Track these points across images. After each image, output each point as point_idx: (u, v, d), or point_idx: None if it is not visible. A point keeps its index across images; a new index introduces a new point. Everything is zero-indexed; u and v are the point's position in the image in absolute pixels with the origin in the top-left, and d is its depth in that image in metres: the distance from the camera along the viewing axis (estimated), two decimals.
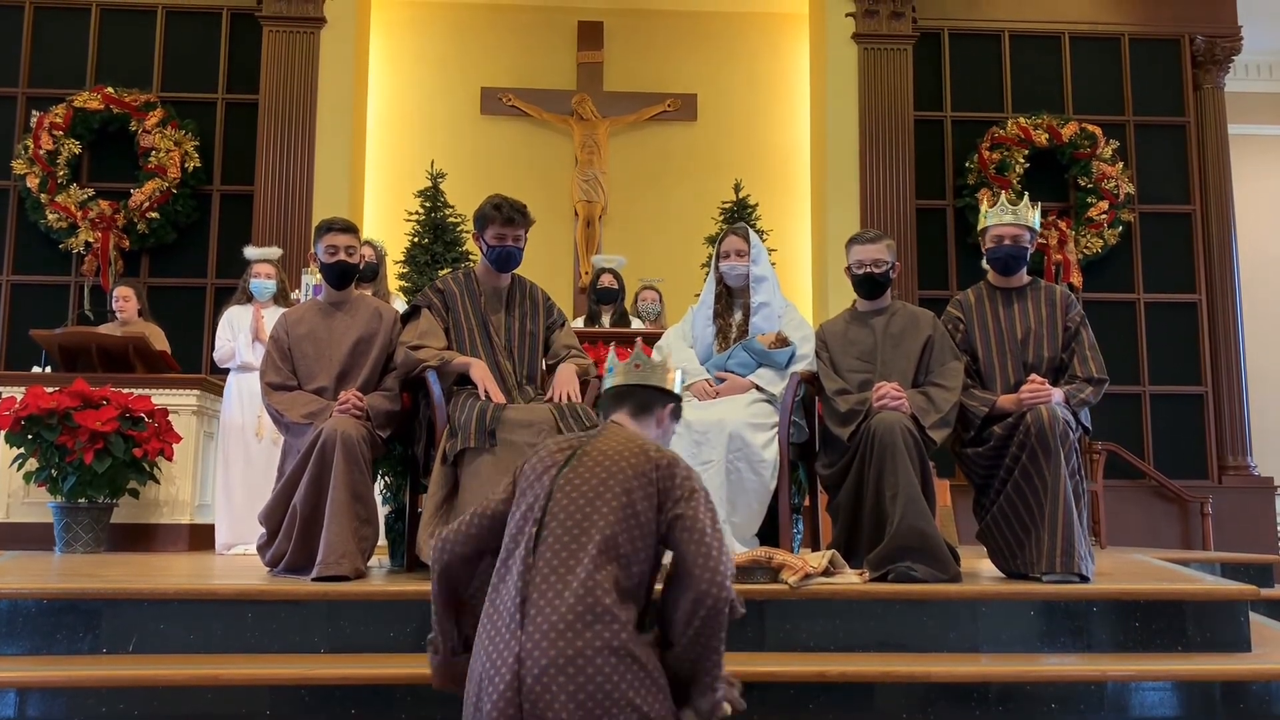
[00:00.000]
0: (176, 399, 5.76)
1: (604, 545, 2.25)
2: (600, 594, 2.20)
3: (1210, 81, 8.75)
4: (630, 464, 2.34)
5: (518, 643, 2.19)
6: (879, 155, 8.20)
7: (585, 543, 2.25)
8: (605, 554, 2.25)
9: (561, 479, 2.36)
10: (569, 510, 2.30)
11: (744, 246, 4.18)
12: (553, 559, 2.25)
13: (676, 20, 9.11)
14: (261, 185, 7.90)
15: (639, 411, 2.54)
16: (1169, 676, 3.02)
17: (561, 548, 2.26)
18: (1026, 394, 3.68)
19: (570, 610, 2.18)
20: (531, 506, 2.35)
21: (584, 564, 2.23)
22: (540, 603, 2.21)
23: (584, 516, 2.29)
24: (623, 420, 2.53)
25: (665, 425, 2.59)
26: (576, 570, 2.22)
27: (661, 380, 2.57)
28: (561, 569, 2.23)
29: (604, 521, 2.27)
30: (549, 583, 2.22)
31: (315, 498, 3.61)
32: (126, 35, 8.23)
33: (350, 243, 4.00)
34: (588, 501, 2.30)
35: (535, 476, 2.40)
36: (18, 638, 3.11)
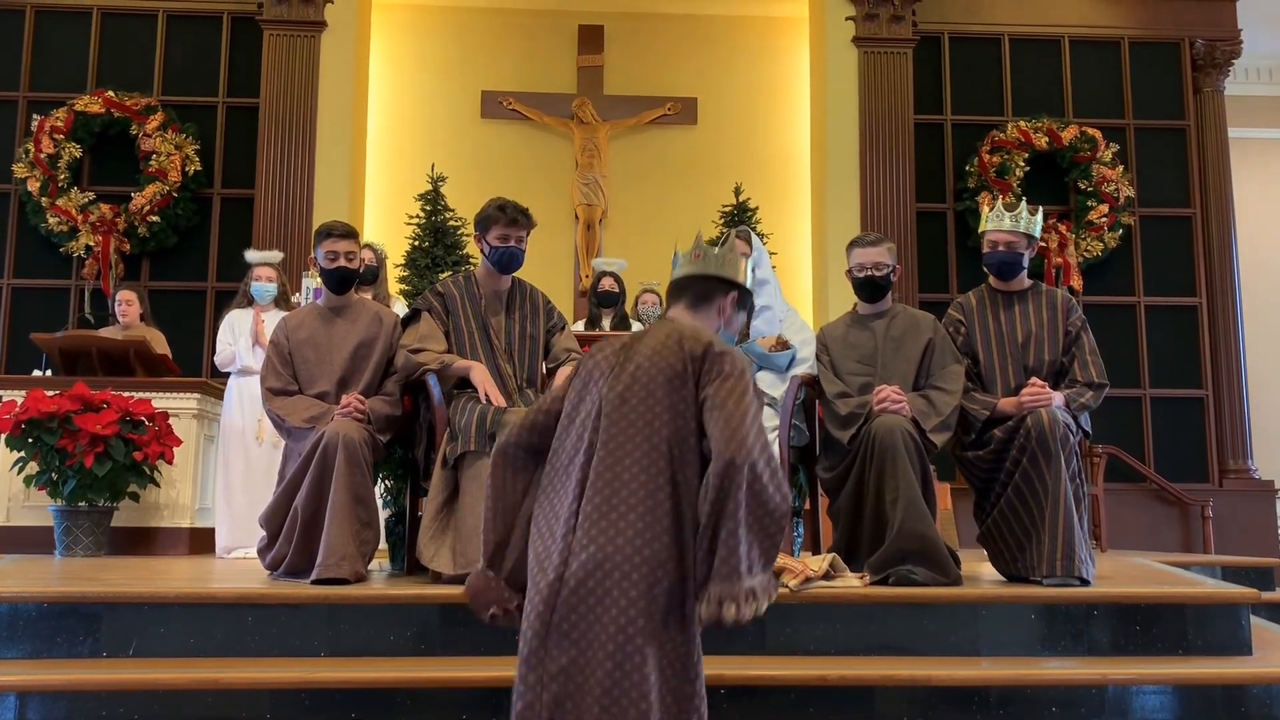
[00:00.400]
0: (177, 402, 5.76)
1: (652, 452, 2.22)
2: (651, 504, 2.18)
3: (1210, 85, 8.76)
4: (667, 362, 2.29)
5: (567, 548, 2.19)
6: (879, 159, 8.20)
7: (634, 451, 2.23)
8: (654, 461, 2.22)
9: (608, 388, 2.32)
10: (617, 420, 2.27)
11: (746, 249, 4.19)
12: (605, 471, 2.22)
13: (677, 24, 9.11)
14: (262, 189, 7.90)
15: (698, 302, 2.47)
16: (1169, 680, 3.01)
17: (613, 459, 2.23)
18: (1027, 397, 3.68)
19: (621, 519, 2.17)
20: (586, 416, 2.32)
21: (634, 473, 2.20)
22: (594, 514, 2.19)
23: (630, 424, 2.25)
24: (677, 314, 2.48)
25: (728, 314, 2.50)
26: (628, 481, 2.20)
27: (720, 268, 2.47)
28: (615, 482, 2.21)
29: (649, 428, 2.24)
30: (602, 495, 2.20)
31: (316, 501, 3.62)
32: (127, 39, 8.24)
33: (350, 248, 4.00)
34: (632, 409, 2.26)
35: (587, 385, 2.37)
36: (18, 641, 3.11)
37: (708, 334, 2.34)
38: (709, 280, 2.46)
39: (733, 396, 2.21)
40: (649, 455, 2.22)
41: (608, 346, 2.42)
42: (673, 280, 2.51)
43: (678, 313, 2.47)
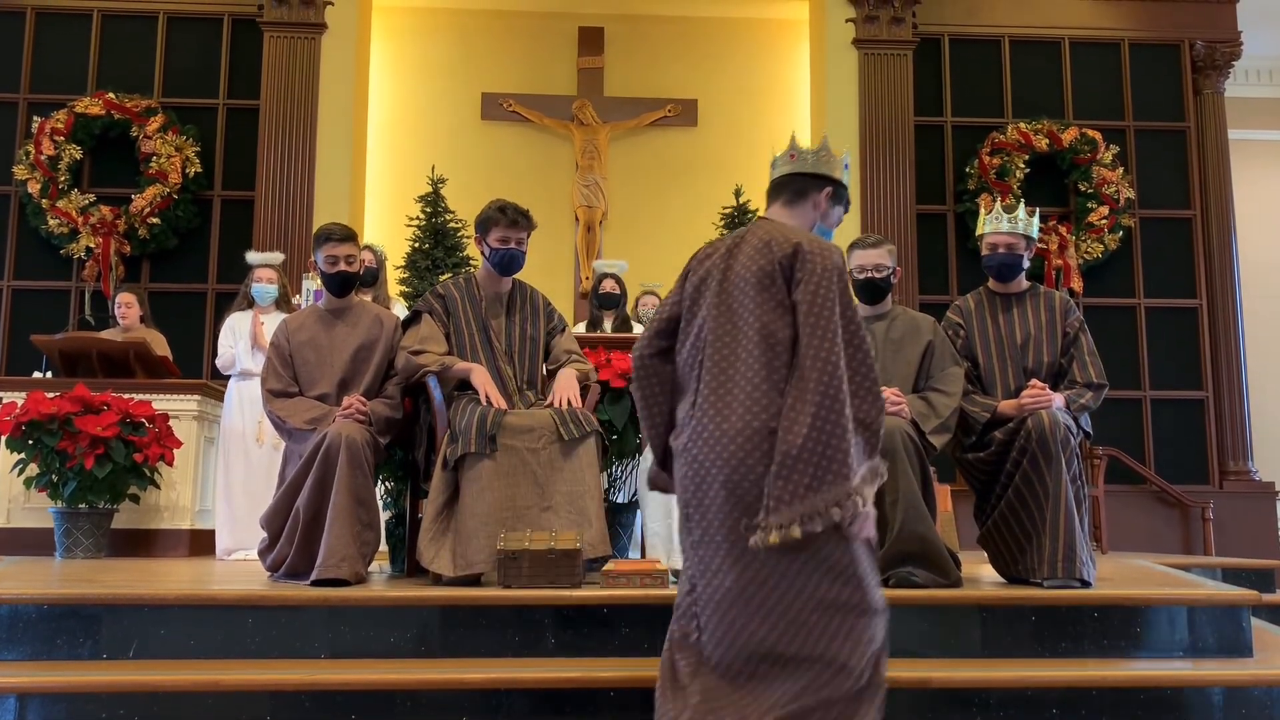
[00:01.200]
0: (177, 404, 5.76)
1: (753, 349, 2.32)
2: (751, 401, 2.28)
3: (1210, 87, 8.76)
4: (759, 265, 2.39)
5: (685, 440, 2.37)
6: (879, 160, 8.20)
7: (737, 349, 2.34)
8: (755, 358, 2.32)
9: (716, 288, 2.44)
10: (722, 321, 2.39)
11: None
12: (713, 368, 2.36)
13: (677, 26, 9.12)
14: (262, 191, 7.90)
15: (794, 199, 2.60)
16: (1170, 682, 3.01)
17: (719, 357, 2.36)
18: (1027, 399, 3.68)
19: (727, 410, 2.30)
20: (700, 317, 2.45)
21: (739, 369, 2.33)
22: (705, 408, 2.33)
23: (732, 324, 2.38)
24: (773, 213, 2.60)
25: (824, 209, 2.60)
26: (733, 375, 2.33)
27: (815, 166, 2.59)
28: (721, 376, 2.34)
29: (749, 328, 2.35)
30: (712, 390, 2.34)
31: (318, 502, 3.62)
32: (128, 41, 8.24)
33: (350, 251, 4.01)
34: (734, 310, 2.39)
35: (700, 287, 2.50)
36: (18, 643, 3.11)
37: (797, 235, 2.42)
38: (804, 178, 2.60)
39: (819, 303, 2.29)
40: (750, 353, 2.33)
41: (719, 247, 2.54)
42: (771, 181, 2.65)
43: (774, 211, 2.61)
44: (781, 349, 2.32)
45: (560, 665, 3.04)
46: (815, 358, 2.24)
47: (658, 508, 3.81)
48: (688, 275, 2.57)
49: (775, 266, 2.37)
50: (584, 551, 3.39)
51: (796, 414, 2.22)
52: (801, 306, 2.30)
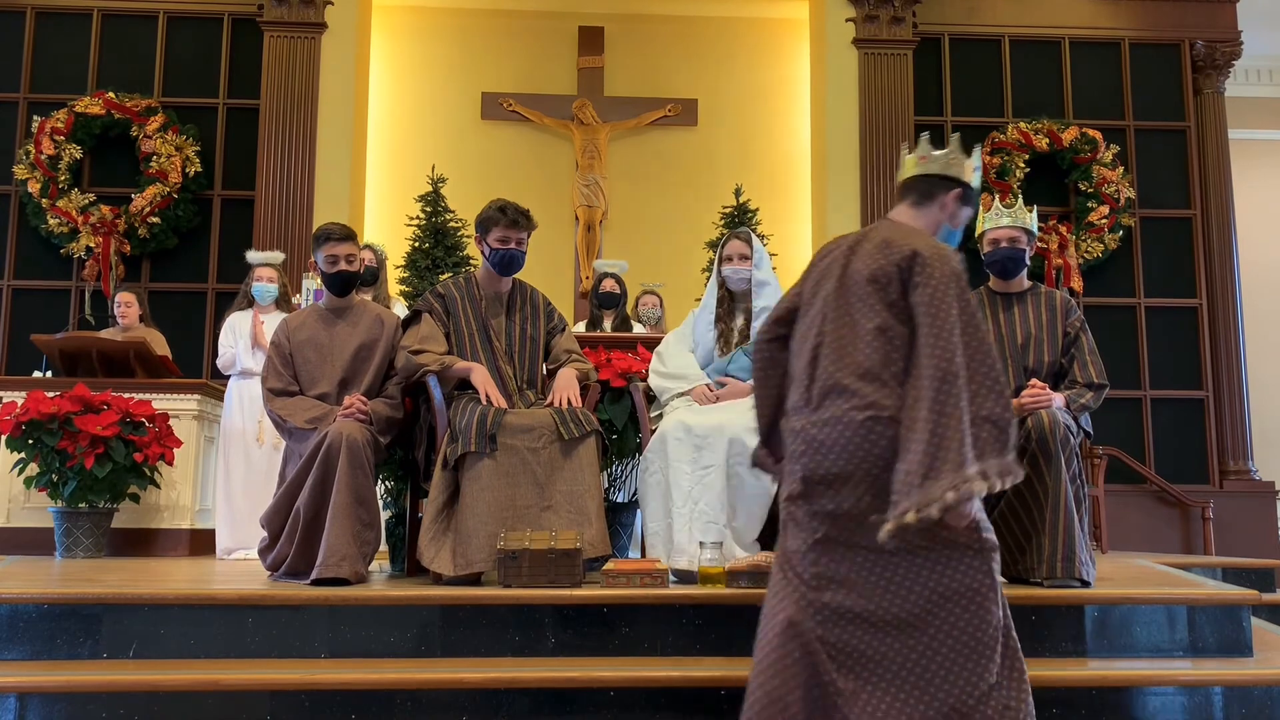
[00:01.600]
0: (177, 404, 5.76)
1: (864, 347, 2.42)
2: (860, 397, 2.38)
3: (1210, 86, 8.76)
4: (877, 265, 2.47)
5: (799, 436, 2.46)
6: (879, 160, 8.20)
7: (849, 344, 2.44)
8: (865, 355, 2.41)
9: (835, 283, 2.53)
10: (839, 315, 2.49)
11: (747, 250, 4.18)
12: (827, 363, 2.46)
13: (677, 26, 9.12)
14: (262, 190, 7.90)
15: (921, 200, 2.65)
16: (1170, 681, 3.01)
17: (832, 350, 2.46)
18: (1027, 399, 3.68)
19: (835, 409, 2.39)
20: (817, 309, 2.55)
21: (849, 366, 2.42)
22: (816, 402, 2.44)
23: (846, 320, 2.47)
24: (899, 213, 2.66)
25: (951, 210, 2.66)
26: (845, 368, 2.42)
27: (944, 168, 2.64)
28: (833, 368, 2.44)
29: (861, 326, 2.44)
30: (823, 383, 2.44)
31: (318, 501, 3.62)
32: (128, 41, 8.24)
33: (350, 250, 4.01)
34: (848, 306, 2.48)
35: (821, 279, 2.59)
36: (18, 643, 3.11)
37: (916, 239, 2.49)
38: (933, 179, 2.64)
39: (936, 303, 2.36)
40: (866, 347, 2.41)
41: (841, 244, 2.63)
42: (900, 182, 2.70)
43: (900, 212, 2.67)
44: (899, 343, 2.41)
45: (560, 665, 3.04)
46: (931, 357, 2.32)
47: (658, 507, 3.81)
48: (810, 269, 2.68)
49: (892, 269, 2.45)
50: (584, 551, 3.39)
51: (915, 414, 2.30)
52: (920, 309, 2.38)
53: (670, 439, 3.80)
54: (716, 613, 3.20)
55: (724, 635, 3.19)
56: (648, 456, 3.87)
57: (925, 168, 2.65)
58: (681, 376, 4.08)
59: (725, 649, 3.17)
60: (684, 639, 3.18)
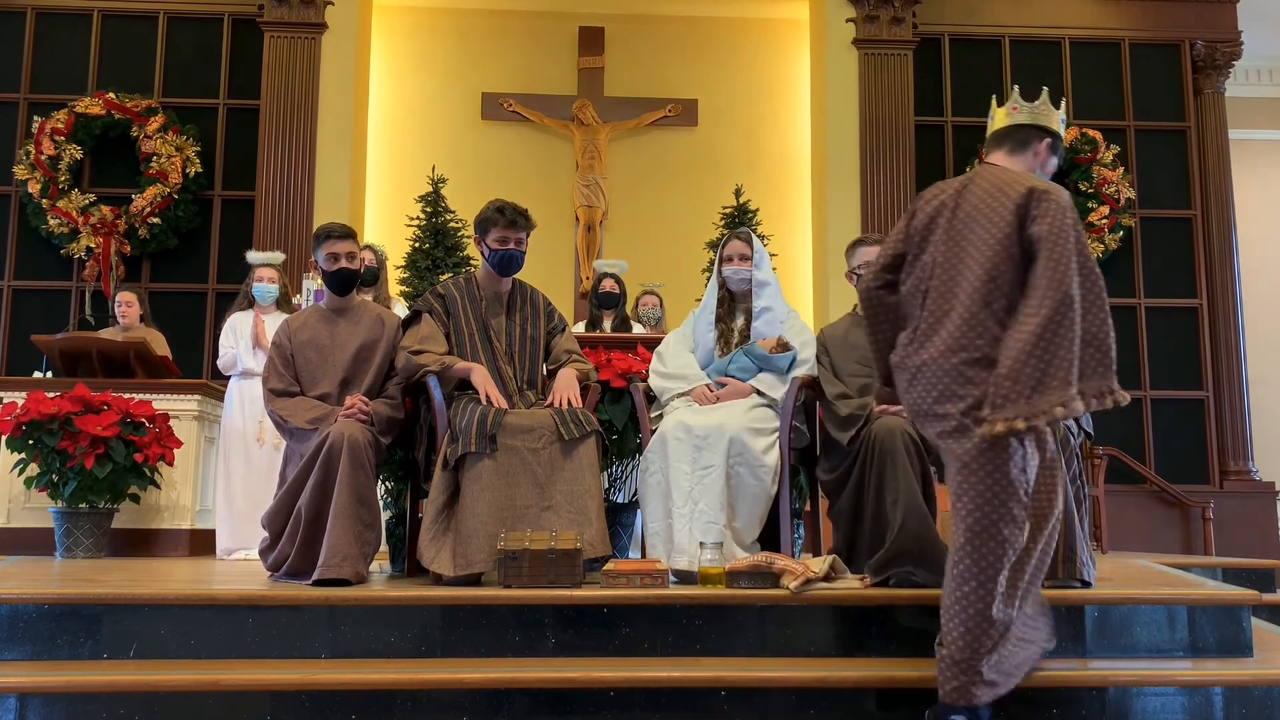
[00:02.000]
0: (177, 404, 5.76)
1: (978, 282, 2.64)
2: (972, 335, 2.62)
3: (1211, 86, 8.76)
4: (994, 204, 2.69)
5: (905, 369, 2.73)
6: (879, 160, 8.20)
7: (963, 281, 2.67)
8: (980, 289, 2.64)
9: (946, 224, 2.75)
10: (952, 253, 2.71)
11: (747, 250, 4.18)
12: (939, 298, 2.70)
13: (677, 26, 9.12)
14: (263, 191, 7.90)
15: (1016, 148, 2.90)
16: (1171, 682, 3.01)
17: (945, 288, 2.70)
18: None
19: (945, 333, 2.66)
20: (930, 251, 2.77)
21: (961, 299, 2.65)
22: (927, 331, 2.70)
23: (960, 258, 2.69)
24: (998, 159, 2.88)
25: (1043, 157, 2.92)
26: (956, 302, 2.66)
27: (1035, 119, 2.90)
28: (944, 304, 2.68)
29: (976, 262, 2.66)
30: (934, 316, 2.69)
31: (320, 502, 3.62)
32: (128, 41, 8.24)
33: (350, 249, 4.01)
34: (965, 244, 2.70)
35: (930, 224, 2.81)
36: (18, 643, 3.11)
37: (1026, 178, 2.73)
38: (1026, 128, 2.90)
39: (1057, 235, 2.59)
40: (973, 285, 2.65)
41: (946, 189, 2.84)
42: (992, 132, 2.95)
43: (998, 158, 2.90)
44: (1004, 284, 2.63)
45: (560, 665, 3.04)
46: (1051, 277, 2.53)
47: (658, 507, 3.81)
48: (914, 215, 2.87)
49: (1011, 206, 2.66)
50: (584, 551, 3.39)
51: (1027, 325, 2.52)
52: (1040, 240, 2.59)
53: (670, 439, 3.80)
54: (717, 613, 3.20)
55: (724, 636, 3.19)
56: (648, 457, 3.87)
57: (1016, 118, 2.89)
58: (681, 377, 4.08)
59: (725, 649, 3.17)
60: (684, 639, 3.18)
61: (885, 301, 2.92)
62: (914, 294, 2.79)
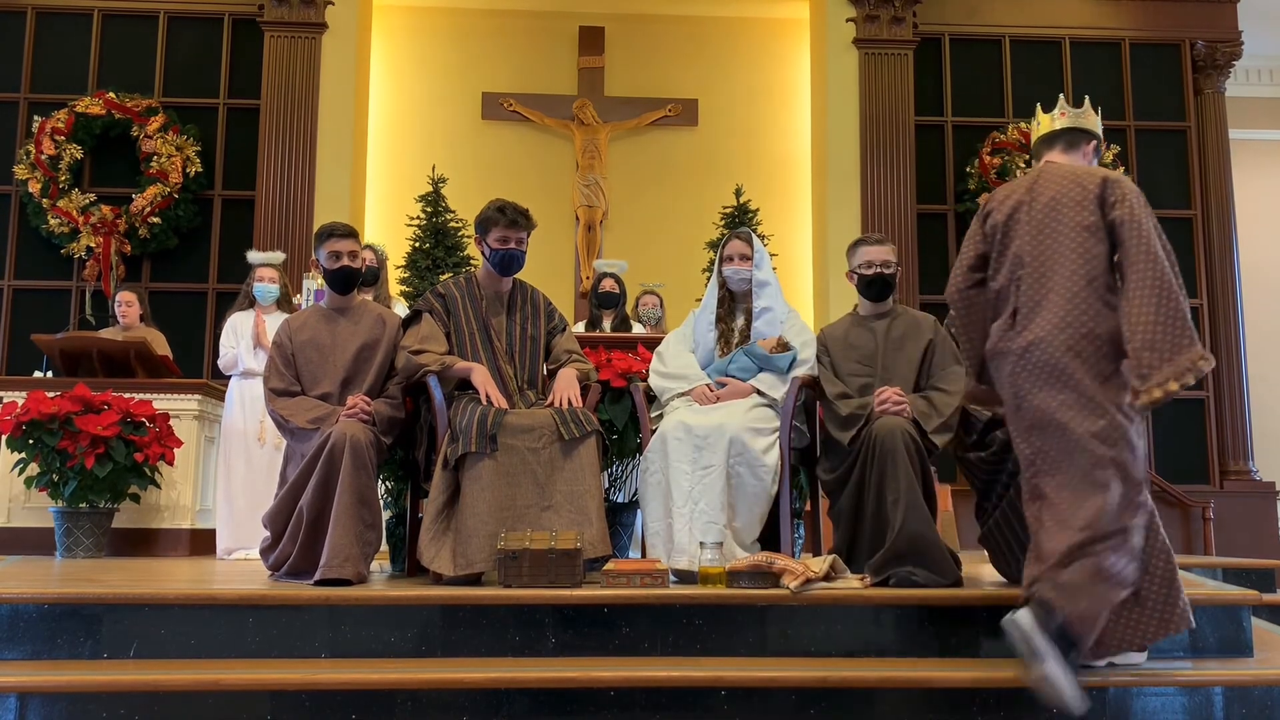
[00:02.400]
0: (178, 404, 5.76)
1: (1071, 265, 2.88)
2: (1078, 312, 2.84)
3: (1211, 86, 8.76)
4: (1074, 194, 2.96)
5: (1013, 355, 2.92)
6: (880, 160, 8.20)
7: (1056, 266, 2.90)
8: (1073, 271, 2.88)
9: (1027, 218, 3.00)
10: (1040, 243, 2.95)
11: (747, 250, 4.18)
12: (1031, 294, 2.93)
13: (678, 26, 9.12)
14: (263, 190, 7.91)
15: (1068, 149, 3.18)
16: (1170, 682, 3.01)
17: (1037, 276, 2.92)
18: None
19: (1048, 313, 2.87)
20: (1015, 255, 2.99)
21: (1057, 282, 2.89)
22: (1027, 315, 2.91)
23: (1050, 245, 2.93)
24: (1055, 157, 3.16)
25: (1089, 158, 3.19)
26: (1054, 287, 2.89)
27: (1081, 122, 3.19)
28: (1041, 289, 2.91)
29: (1066, 248, 2.90)
30: (1034, 311, 2.91)
31: (322, 502, 3.62)
32: (128, 41, 8.25)
33: (352, 248, 4.00)
34: (1048, 235, 2.94)
35: (1010, 220, 3.04)
36: (18, 642, 3.11)
37: (1096, 170, 3.02)
38: (1074, 132, 3.19)
39: (1137, 217, 2.85)
40: (1070, 267, 2.88)
41: (1017, 188, 3.09)
42: (1041, 136, 3.23)
43: (1055, 156, 3.17)
44: (1099, 263, 2.89)
45: (560, 665, 3.04)
46: (1145, 256, 2.78)
47: (658, 507, 3.81)
48: (989, 215, 3.12)
49: (1092, 194, 2.93)
50: (584, 551, 3.39)
51: (1142, 300, 2.75)
52: (1123, 219, 2.85)
53: (670, 439, 3.80)
54: (717, 613, 3.20)
55: (724, 635, 3.19)
56: (648, 456, 3.87)
57: (1064, 122, 3.19)
58: (682, 376, 4.08)
59: (725, 649, 3.17)
60: (684, 639, 3.18)
61: (976, 301, 3.12)
62: (1008, 285, 2.99)
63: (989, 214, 3.12)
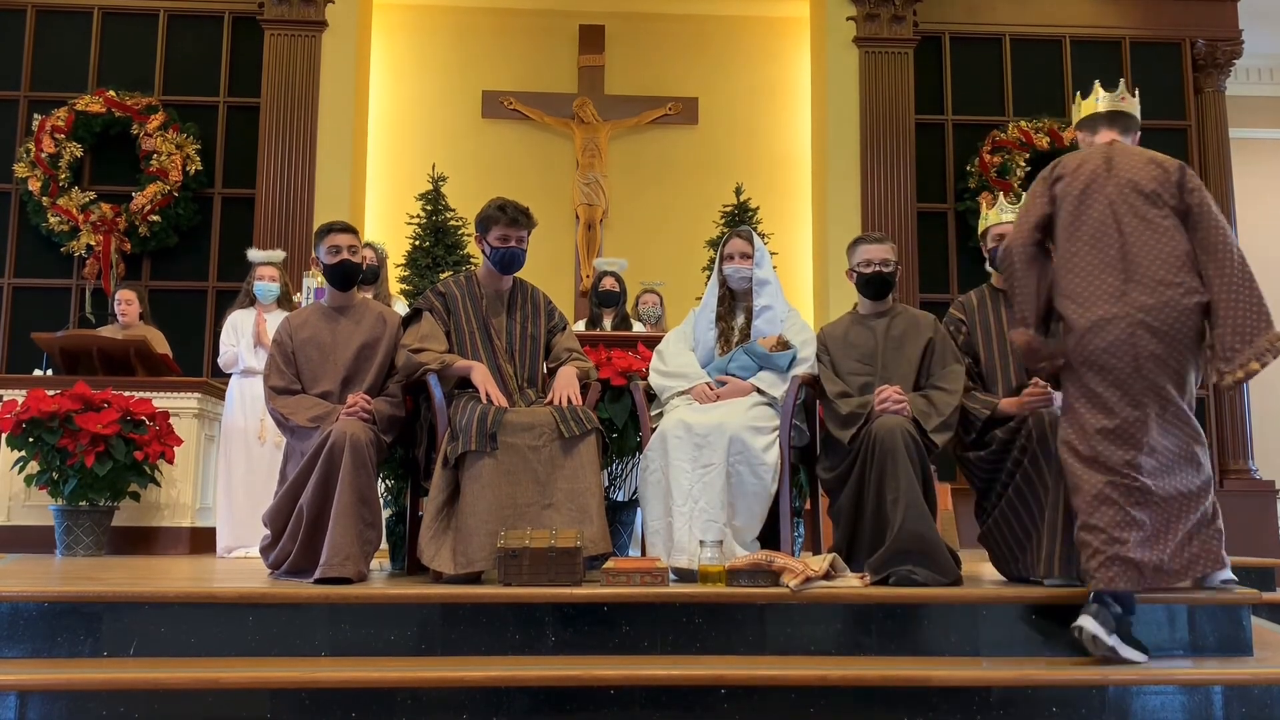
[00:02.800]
0: (177, 402, 5.76)
1: (1169, 238, 3.09)
2: (1175, 276, 3.05)
3: (1211, 85, 8.75)
4: (1151, 174, 3.17)
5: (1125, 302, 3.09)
6: (880, 159, 8.20)
7: (1145, 246, 3.09)
8: (1175, 243, 3.09)
9: (1100, 193, 3.18)
10: (1135, 226, 3.13)
11: (748, 249, 4.18)
12: (1123, 260, 3.11)
13: (678, 24, 9.11)
14: (263, 189, 7.90)
15: (1124, 132, 3.38)
16: (1171, 680, 3.01)
17: (1129, 243, 3.11)
18: (1028, 398, 3.68)
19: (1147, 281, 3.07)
20: (1099, 221, 3.16)
21: (1155, 256, 3.09)
22: (1128, 292, 3.07)
23: (1134, 225, 3.13)
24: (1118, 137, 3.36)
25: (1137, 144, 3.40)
26: (1145, 263, 3.09)
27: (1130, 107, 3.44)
28: (1134, 265, 3.09)
29: (1160, 221, 3.12)
30: (1130, 277, 3.09)
31: (322, 500, 3.62)
32: (128, 39, 8.24)
33: (351, 242, 4.00)
34: (1131, 212, 3.13)
35: (1086, 190, 3.20)
36: (19, 641, 3.11)
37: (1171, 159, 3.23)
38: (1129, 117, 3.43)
39: (1211, 205, 3.13)
40: (1167, 236, 3.10)
41: (1090, 158, 3.27)
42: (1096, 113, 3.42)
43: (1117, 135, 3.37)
44: (1184, 243, 3.10)
45: (560, 663, 3.04)
46: (1225, 242, 3.06)
47: (658, 506, 3.81)
48: (1058, 179, 3.27)
49: (1169, 178, 3.16)
50: (584, 549, 3.39)
51: (1226, 283, 3.01)
52: (1200, 206, 3.11)
53: (670, 437, 3.80)
54: (716, 611, 3.20)
55: (724, 634, 3.19)
56: (648, 455, 3.87)
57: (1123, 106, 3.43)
58: (682, 375, 4.08)
59: (725, 648, 3.17)
60: (684, 637, 3.18)
61: (1037, 256, 3.26)
62: (1090, 248, 3.15)
63: (1058, 178, 3.26)
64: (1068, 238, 3.21)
